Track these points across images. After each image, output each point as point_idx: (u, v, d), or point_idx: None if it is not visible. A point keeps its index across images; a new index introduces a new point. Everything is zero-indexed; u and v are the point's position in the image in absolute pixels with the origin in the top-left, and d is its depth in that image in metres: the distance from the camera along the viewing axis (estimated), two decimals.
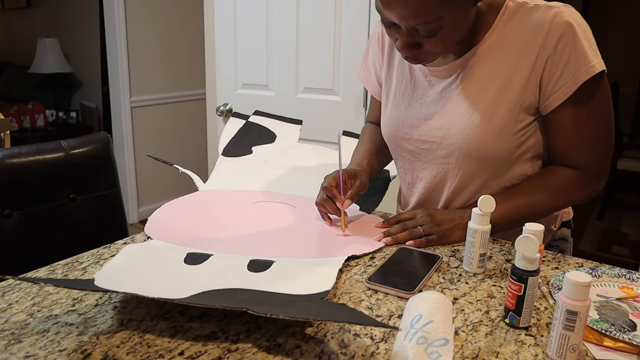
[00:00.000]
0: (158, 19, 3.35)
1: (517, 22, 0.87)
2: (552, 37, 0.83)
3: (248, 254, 0.82)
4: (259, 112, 1.33)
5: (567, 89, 0.84)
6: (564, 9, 0.84)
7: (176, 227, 0.94)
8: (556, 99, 0.86)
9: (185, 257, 0.79)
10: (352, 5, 1.95)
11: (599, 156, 0.90)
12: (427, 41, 0.82)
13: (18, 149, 1.13)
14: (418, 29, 0.80)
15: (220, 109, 2.23)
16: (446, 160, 0.94)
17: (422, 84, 0.97)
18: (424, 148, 0.97)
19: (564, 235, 1.04)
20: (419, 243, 0.89)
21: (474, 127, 0.89)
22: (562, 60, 0.83)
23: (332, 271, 0.76)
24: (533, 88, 0.86)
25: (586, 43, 0.83)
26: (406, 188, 1.06)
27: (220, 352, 0.59)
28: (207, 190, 1.12)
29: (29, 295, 0.71)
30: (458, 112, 0.91)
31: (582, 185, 0.91)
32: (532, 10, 0.86)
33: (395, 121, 1.00)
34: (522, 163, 0.93)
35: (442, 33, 0.80)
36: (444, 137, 0.93)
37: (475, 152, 0.90)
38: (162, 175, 3.51)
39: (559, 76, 0.84)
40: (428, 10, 0.76)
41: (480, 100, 0.89)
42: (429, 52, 0.84)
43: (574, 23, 0.83)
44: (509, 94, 0.87)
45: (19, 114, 3.90)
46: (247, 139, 1.26)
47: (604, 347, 0.61)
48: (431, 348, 0.57)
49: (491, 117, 0.88)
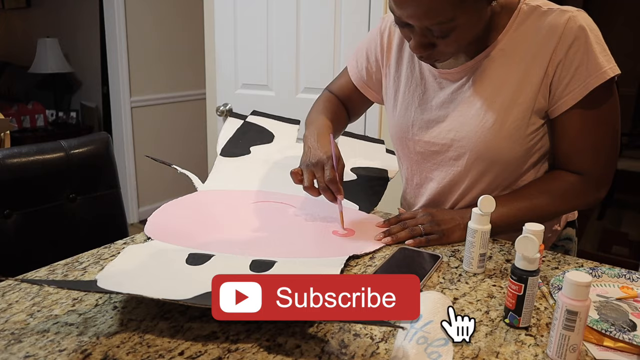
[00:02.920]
0: (158, 19, 3.35)
1: (530, 25, 0.86)
2: (564, 41, 0.83)
3: (249, 254, 0.82)
4: (257, 112, 1.33)
5: (576, 94, 0.84)
6: (577, 14, 0.83)
7: (176, 227, 0.93)
8: (565, 103, 0.85)
9: (187, 257, 0.79)
10: (352, 5, 1.95)
11: (602, 162, 0.90)
12: (440, 41, 0.81)
13: (18, 149, 1.13)
14: (432, 29, 0.79)
15: (220, 109, 2.23)
16: (456, 162, 0.94)
17: (433, 85, 0.96)
18: (434, 150, 0.96)
19: (569, 235, 1.04)
20: (418, 242, 0.89)
21: (486, 130, 0.88)
22: (573, 65, 0.83)
23: (335, 271, 0.76)
24: (544, 91, 0.86)
25: (598, 48, 0.82)
26: (413, 189, 1.06)
27: (220, 352, 0.59)
28: (206, 190, 1.12)
29: (29, 295, 0.71)
30: (470, 114, 0.90)
31: (584, 191, 0.91)
32: (546, 14, 0.85)
33: (404, 122, 1.00)
34: (531, 166, 0.93)
35: (455, 33, 0.79)
36: (455, 140, 0.92)
37: (486, 154, 0.90)
38: (162, 175, 3.51)
39: (569, 81, 0.84)
40: (442, 10, 0.76)
41: (493, 103, 0.88)
42: (443, 52, 0.84)
43: (587, 28, 0.82)
44: (522, 97, 0.86)
45: (19, 114, 3.90)
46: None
47: (604, 347, 0.61)
48: (431, 348, 0.57)
49: (503, 120, 0.87)
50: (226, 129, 1.28)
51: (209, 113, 2.45)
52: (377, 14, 1.92)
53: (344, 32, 1.99)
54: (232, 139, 1.26)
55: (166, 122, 3.53)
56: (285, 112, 2.06)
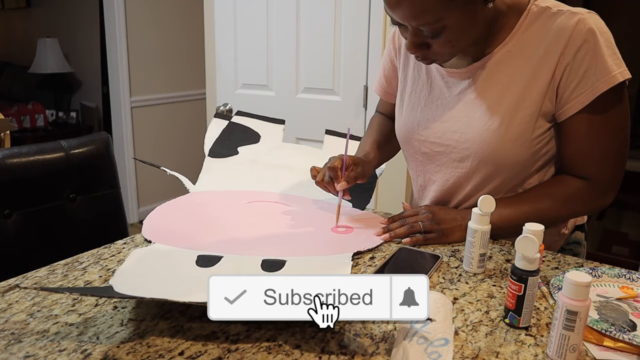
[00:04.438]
0: (158, 19, 3.35)
1: (539, 27, 0.85)
2: (573, 44, 0.81)
3: (258, 254, 0.83)
4: (242, 112, 1.34)
5: (584, 98, 0.82)
6: (587, 16, 0.82)
7: (176, 229, 0.93)
8: (572, 107, 0.84)
9: (197, 260, 0.79)
10: (352, 5, 1.95)
11: (609, 168, 0.88)
12: (433, 42, 0.81)
13: (18, 149, 1.13)
14: (422, 30, 0.80)
15: (220, 109, 2.23)
16: (460, 164, 0.93)
17: (439, 85, 0.96)
18: (438, 151, 0.96)
19: (577, 238, 1.02)
20: (416, 240, 0.89)
21: (492, 132, 0.87)
22: (581, 68, 0.82)
23: (346, 268, 0.78)
24: (551, 95, 0.85)
25: (608, 52, 0.81)
26: (417, 190, 1.06)
27: (220, 352, 0.59)
28: (199, 191, 1.12)
29: (29, 295, 0.71)
30: (476, 115, 0.89)
31: (589, 196, 0.89)
32: (555, 16, 0.84)
33: (410, 122, 1.00)
34: (537, 171, 0.92)
35: (446, 34, 0.79)
36: (460, 141, 0.92)
37: (491, 157, 0.89)
38: (162, 176, 3.49)
39: (577, 85, 0.82)
40: (428, 11, 0.76)
41: (499, 105, 0.87)
42: (438, 53, 0.84)
43: (597, 31, 0.81)
44: (529, 100, 0.85)
45: (19, 114, 3.89)
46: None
47: (604, 347, 0.61)
48: (431, 348, 0.57)
49: (509, 123, 0.86)
50: (212, 130, 1.29)
51: (209, 113, 2.45)
52: (377, 14, 1.92)
53: (344, 32, 1.99)
54: (219, 140, 1.26)
55: (166, 122, 3.53)
56: (285, 112, 2.07)
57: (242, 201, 1.08)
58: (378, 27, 1.92)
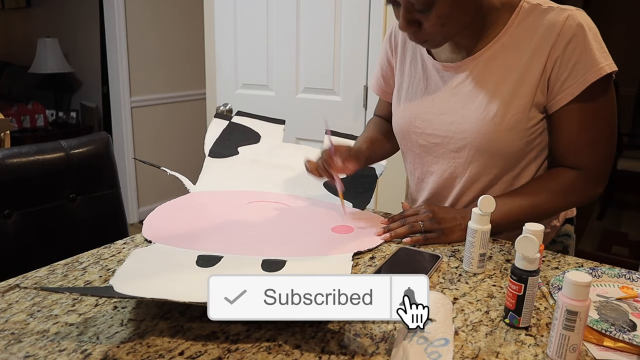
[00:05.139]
0: (158, 19, 3.35)
1: (530, 23, 0.89)
2: (563, 38, 0.85)
3: (258, 254, 0.83)
4: (242, 112, 1.34)
5: (574, 89, 0.86)
6: (576, 12, 0.86)
7: (176, 229, 0.93)
8: (563, 98, 0.87)
9: (197, 259, 0.79)
10: (352, 5, 1.95)
11: (600, 157, 0.91)
12: (424, 18, 0.84)
13: (18, 149, 1.13)
14: (413, 3, 0.82)
15: (220, 109, 2.23)
16: (457, 154, 0.96)
17: (435, 79, 0.99)
18: (436, 142, 0.98)
19: (567, 231, 1.06)
20: (416, 240, 0.89)
21: (487, 122, 0.90)
22: (571, 61, 0.85)
23: (346, 268, 0.78)
24: (542, 87, 0.88)
25: (596, 46, 0.85)
26: (415, 183, 1.08)
27: (220, 352, 0.59)
28: (199, 192, 1.12)
29: (29, 295, 0.71)
30: (472, 107, 0.92)
31: (583, 186, 0.92)
32: (546, 12, 0.88)
33: (407, 115, 1.02)
34: (531, 160, 0.94)
35: (436, 9, 0.82)
36: (456, 132, 0.94)
37: (487, 146, 0.92)
38: (162, 175, 3.49)
39: (567, 77, 0.86)
40: None
41: (494, 96, 0.90)
42: (429, 32, 0.86)
43: (586, 26, 0.85)
44: (522, 91, 0.89)
45: (19, 114, 3.89)
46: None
47: (604, 347, 0.61)
48: (431, 348, 0.57)
49: (504, 113, 0.89)
50: (212, 130, 1.29)
51: (209, 113, 2.45)
52: (377, 14, 1.92)
53: (344, 32, 2.00)
54: (219, 140, 1.26)
55: (166, 122, 3.53)
56: (285, 112, 2.07)
57: (242, 201, 1.08)
58: (378, 27, 1.92)
